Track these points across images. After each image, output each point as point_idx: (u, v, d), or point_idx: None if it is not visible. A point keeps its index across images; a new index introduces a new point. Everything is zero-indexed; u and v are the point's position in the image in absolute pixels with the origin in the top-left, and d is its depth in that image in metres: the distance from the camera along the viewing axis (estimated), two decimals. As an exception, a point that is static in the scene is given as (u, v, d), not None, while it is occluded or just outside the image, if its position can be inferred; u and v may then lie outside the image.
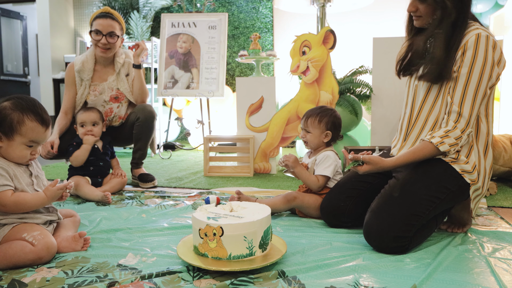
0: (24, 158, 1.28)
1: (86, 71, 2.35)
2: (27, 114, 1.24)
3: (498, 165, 2.29)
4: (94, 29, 2.29)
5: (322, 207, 1.59)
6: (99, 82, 2.38)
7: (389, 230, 1.26)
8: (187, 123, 4.41)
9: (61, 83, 6.79)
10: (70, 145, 2.17)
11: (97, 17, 2.31)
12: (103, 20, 2.29)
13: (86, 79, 2.35)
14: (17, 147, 1.25)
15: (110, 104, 2.39)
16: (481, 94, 1.33)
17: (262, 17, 5.16)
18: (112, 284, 1.06)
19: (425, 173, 1.35)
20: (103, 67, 2.40)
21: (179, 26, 3.96)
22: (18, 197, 1.23)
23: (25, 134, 1.24)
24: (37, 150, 1.31)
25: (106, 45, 2.30)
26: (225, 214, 1.21)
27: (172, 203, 1.93)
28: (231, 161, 3.03)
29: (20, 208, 1.23)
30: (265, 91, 2.85)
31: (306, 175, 1.68)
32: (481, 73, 1.31)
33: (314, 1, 3.23)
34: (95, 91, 2.36)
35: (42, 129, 1.27)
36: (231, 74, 5.26)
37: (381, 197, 1.37)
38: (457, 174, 1.34)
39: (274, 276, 1.10)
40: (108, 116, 2.40)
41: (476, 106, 1.33)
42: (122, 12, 5.71)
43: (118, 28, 2.33)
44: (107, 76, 2.39)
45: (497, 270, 1.15)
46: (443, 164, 1.36)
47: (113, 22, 2.30)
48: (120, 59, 2.40)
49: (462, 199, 1.38)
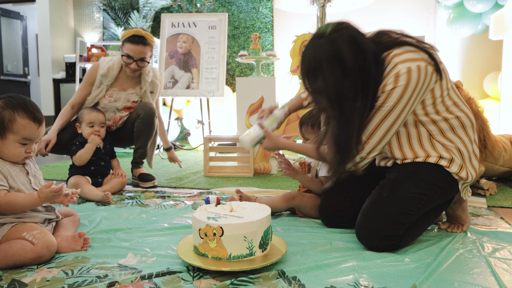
0: (19, 156, 1.27)
1: (109, 77, 2.38)
2: (18, 111, 1.24)
3: (498, 165, 2.29)
4: (125, 53, 2.32)
5: (321, 209, 1.59)
6: (118, 89, 2.42)
7: (379, 230, 1.28)
8: (187, 123, 4.41)
9: (61, 83, 6.79)
10: (72, 144, 2.17)
11: (129, 41, 2.31)
12: (135, 46, 2.30)
13: (106, 84, 2.38)
14: (11, 145, 1.25)
15: (122, 112, 2.43)
16: (395, 127, 1.30)
17: (262, 17, 5.16)
18: (112, 284, 1.06)
19: (414, 171, 1.35)
20: (126, 77, 2.43)
21: (179, 26, 3.96)
22: (10, 197, 1.22)
23: (17, 131, 1.24)
24: (32, 148, 1.30)
25: (135, 69, 2.35)
26: (225, 214, 1.21)
27: (172, 203, 1.93)
28: (231, 161, 3.03)
29: (12, 208, 1.22)
30: (265, 91, 2.85)
31: (309, 181, 1.69)
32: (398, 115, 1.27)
33: (314, 1, 3.23)
34: (111, 97, 2.39)
35: (35, 126, 1.27)
36: (231, 74, 5.26)
37: (371, 198, 1.38)
38: (445, 171, 1.33)
39: (274, 276, 1.10)
40: (116, 122, 2.44)
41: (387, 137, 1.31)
42: (122, 12, 5.71)
43: (149, 53, 2.36)
44: (128, 87, 2.43)
45: (497, 270, 1.15)
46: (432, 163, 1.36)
47: (145, 48, 2.32)
48: (148, 78, 2.45)
49: (452, 194, 1.39)
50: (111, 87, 2.41)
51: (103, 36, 6.44)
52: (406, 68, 1.23)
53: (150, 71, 2.49)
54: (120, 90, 2.42)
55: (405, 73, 1.23)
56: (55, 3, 6.50)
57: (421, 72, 1.24)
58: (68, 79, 6.76)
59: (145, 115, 2.35)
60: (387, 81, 1.26)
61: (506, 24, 2.96)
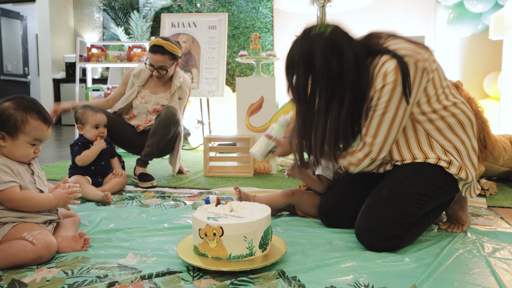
0: (28, 156, 1.30)
1: (140, 78, 2.60)
2: (30, 113, 1.27)
3: (498, 165, 2.29)
4: (148, 62, 2.55)
5: (321, 209, 1.59)
6: (149, 92, 2.60)
7: (379, 230, 1.28)
8: (187, 123, 4.41)
9: (61, 83, 6.80)
10: (75, 144, 2.16)
11: (150, 50, 2.54)
12: (154, 55, 2.51)
13: (137, 84, 2.59)
14: (22, 146, 1.27)
15: (152, 115, 2.57)
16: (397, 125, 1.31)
17: (262, 17, 5.16)
18: (112, 284, 1.06)
19: (413, 172, 1.35)
20: (157, 81, 2.62)
21: (179, 26, 3.96)
22: (27, 193, 1.25)
23: (29, 132, 1.27)
24: (40, 148, 1.34)
25: (158, 75, 2.56)
26: (225, 214, 1.21)
27: (172, 203, 1.93)
28: (231, 161, 3.03)
29: (28, 204, 1.25)
30: (265, 91, 2.85)
31: (310, 181, 1.69)
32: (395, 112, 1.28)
33: (314, 1, 3.23)
34: (143, 99, 2.58)
35: (45, 127, 1.31)
36: (231, 74, 5.26)
37: (370, 198, 1.38)
38: (444, 171, 1.33)
39: (274, 276, 1.10)
40: (145, 123, 2.56)
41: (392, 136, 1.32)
42: (122, 12, 5.71)
43: (168, 61, 2.54)
44: (159, 91, 2.61)
45: (497, 270, 1.15)
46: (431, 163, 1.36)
47: (163, 57, 2.51)
48: (177, 82, 2.62)
49: (453, 194, 1.39)
50: (144, 89, 2.60)
51: (103, 36, 6.45)
52: (394, 65, 1.25)
53: (181, 76, 2.65)
54: (151, 93, 2.60)
55: (392, 70, 1.25)
56: (55, 3, 6.50)
57: (411, 68, 1.26)
58: (68, 79, 6.77)
59: (165, 116, 2.40)
60: (377, 81, 1.28)
61: (506, 24, 2.96)
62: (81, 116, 2.20)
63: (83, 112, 2.21)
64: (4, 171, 1.24)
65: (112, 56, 4.71)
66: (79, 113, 2.22)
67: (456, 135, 1.34)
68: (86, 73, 5.32)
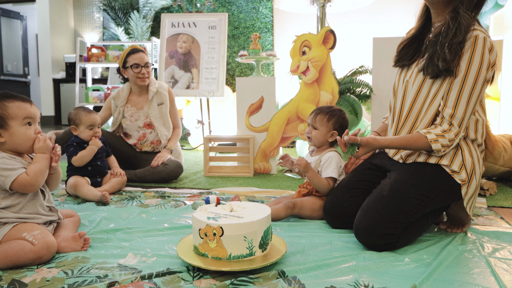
0: (30, 138, 1.30)
1: (121, 99, 2.65)
2: (5, 100, 1.27)
3: (498, 165, 2.29)
4: (133, 64, 2.57)
5: (326, 209, 1.58)
6: (136, 109, 2.64)
7: (376, 227, 1.28)
8: (187, 123, 4.41)
9: (61, 83, 6.79)
10: (69, 145, 2.16)
11: (131, 53, 2.60)
12: (137, 54, 2.59)
13: (120, 105, 2.64)
14: (18, 130, 1.28)
15: (144, 129, 2.64)
16: (475, 98, 1.32)
17: (262, 17, 5.16)
18: (112, 284, 1.06)
19: (416, 172, 1.35)
20: (138, 96, 2.67)
21: (179, 26, 3.96)
22: (31, 171, 1.27)
23: (15, 115, 1.27)
24: (39, 128, 1.33)
25: (145, 74, 2.60)
26: (225, 214, 1.21)
27: (172, 203, 1.93)
28: (231, 161, 3.03)
29: (37, 179, 1.27)
30: (265, 91, 2.85)
31: (317, 179, 1.68)
32: (476, 77, 1.30)
33: (314, 1, 3.24)
34: (132, 117, 2.63)
35: (27, 104, 1.30)
36: (231, 74, 5.26)
37: (371, 196, 1.38)
38: (448, 174, 1.34)
39: (274, 276, 1.10)
40: (140, 140, 2.64)
41: (469, 110, 1.33)
42: (122, 12, 5.71)
43: (147, 58, 2.65)
44: (143, 105, 2.66)
45: (497, 270, 1.15)
46: (435, 164, 1.36)
47: (144, 55, 2.62)
48: (153, 88, 2.66)
49: (455, 199, 1.39)
50: (128, 108, 2.64)
51: (103, 36, 6.45)
52: (483, 36, 1.29)
53: (156, 83, 2.69)
54: (138, 110, 2.64)
55: (481, 38, 1.29)
56: (55, 3, 6.50)
57: (493, 45, 1.31)
58: (68, 79, 6.77)
59: (167, 176, 2.49)
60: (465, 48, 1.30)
61: (506, 24, 2.96)
62: (74, 117, 2.16)
63: (76, 113, 2.17)
64: (9, 161, 1.25)
65: (112, 56, 4.72)
66: (72, 114, 2.18)
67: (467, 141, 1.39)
68: (86, 73, 5.33)
